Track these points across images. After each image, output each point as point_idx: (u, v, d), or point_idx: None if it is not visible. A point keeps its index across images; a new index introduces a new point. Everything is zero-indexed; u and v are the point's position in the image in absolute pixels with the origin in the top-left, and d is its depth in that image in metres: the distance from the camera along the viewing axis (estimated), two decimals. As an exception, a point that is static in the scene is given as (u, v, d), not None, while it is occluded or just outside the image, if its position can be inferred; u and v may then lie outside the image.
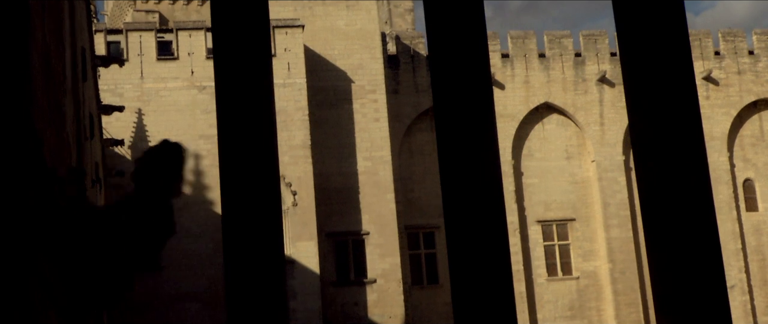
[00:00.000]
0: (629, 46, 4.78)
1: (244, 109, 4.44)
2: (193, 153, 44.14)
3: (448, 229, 4.34)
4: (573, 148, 53.41)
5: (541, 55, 53.87)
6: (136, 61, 45.19)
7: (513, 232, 50.70)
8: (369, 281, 47.05)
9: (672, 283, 4.44)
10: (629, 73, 4.64)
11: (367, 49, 49.57)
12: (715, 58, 54.70)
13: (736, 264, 52.25)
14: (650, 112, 4.56)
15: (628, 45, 4.77)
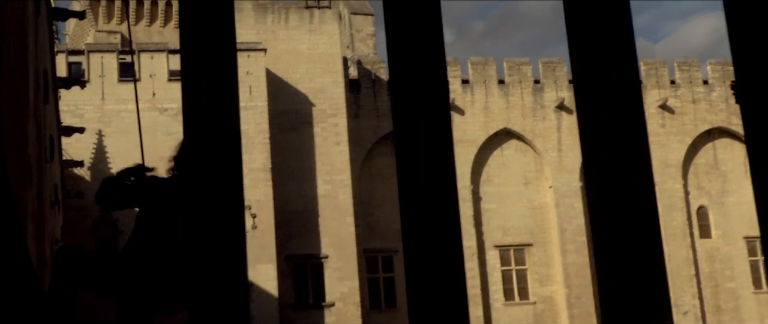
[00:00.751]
0: (582, 75, 4.94)
1: (209, 132, 4.52)
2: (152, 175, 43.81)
3: (406, 253, 4.44)
4: (531, 173, 53.82)
5: (500, 82, 54.32)
6: (97, 82, 44.98)
7: (471, 256, 50.89)
8: (327, 304, 46.98)
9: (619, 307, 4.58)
10: (581, 102, 4.80)
11: (329, 73, 49.72)
12: (670, 87, 55.50)
13: (689, 290, 52.81)
14: (601, 139, 4.71)
15: (581, 74, 4.93)
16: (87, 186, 43.85)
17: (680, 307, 52.57)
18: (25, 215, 11.26)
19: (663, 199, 53.67)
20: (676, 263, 52.85)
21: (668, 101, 54.88)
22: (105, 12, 66.58)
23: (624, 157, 4.68)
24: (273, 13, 50.16)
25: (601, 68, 4.88)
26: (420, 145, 4.59)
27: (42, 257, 15.72)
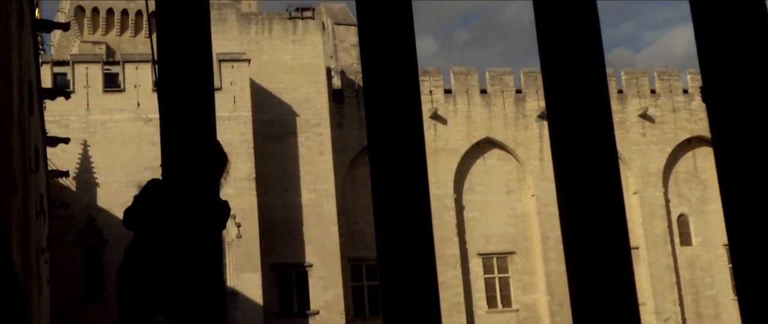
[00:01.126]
0: (554, 85, 5.04)
1: (187, 141, 4.58)
2: (138, 184, 43.80)
3: (380, 263, 4.51)
4: (513, 182, 54.00)
5: (482, 91, 54.50)
6: (82, 92, 44.91)
7: (454, 264, 51.01)
8: (312, 313, 46.99)
9: (589, 314, 4.67)
10: (553, 113, 4.89)
11: (313, 83, 49.80)
12: (651, 96, 55.81)
13: (670, 297, 53.06)
14: (572, 149, 4.80)
15: (553, 84, 5.03)
16: (72, 196, 43.78)
17: (661, 313, 52.81)
18: (10, 225, 11.28)
19: (644, 206, 53.96)
20: (657, 270, 53.10)
21: (649, 110, 55.19)
22: (90, 23, 66.55)
23: (593, 166, 4.78)
24: (257, 24, 50.23)
25: (571, 78, 4.97)
26: (394, 155, 4.67)
27: (27, 267, 15.70)
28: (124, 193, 44.19)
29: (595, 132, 4.80)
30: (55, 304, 40.32)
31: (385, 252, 4.40)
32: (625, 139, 54.93)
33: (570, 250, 4.69)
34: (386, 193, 4.53)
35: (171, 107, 4.63)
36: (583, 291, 4.79)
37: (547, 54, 5.05)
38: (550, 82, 4.94)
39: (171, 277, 5.66)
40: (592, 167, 4.77)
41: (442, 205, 51.76)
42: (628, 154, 54.65)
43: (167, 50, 4.64)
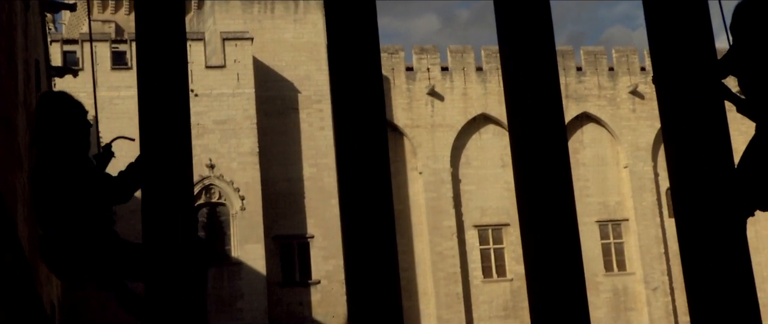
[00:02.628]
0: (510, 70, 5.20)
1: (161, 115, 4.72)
2: (145, 159, 43.99)
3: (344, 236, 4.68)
4: (508, 156, 53.97)
5: (478, 69, 54.55)
6: (90, 70, 45.01)
7: (451, 236, 51.25)
8: (313, 282, 47.29)
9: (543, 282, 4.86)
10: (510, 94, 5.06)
11: (314, 61, 49.85)
12: (641, 74, 55.82)
13: (658, 267, 53.32)
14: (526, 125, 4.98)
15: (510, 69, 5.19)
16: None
17: (650, 283, 53.08)
18: (16, 200, 11.48)
19: (634, 180, 54.12)
20: (645, 241, 53.34)
21: (638, 87, 55.22)
22: (100, 2, 66.51)
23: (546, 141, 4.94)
24: (259, 4, 50.22)
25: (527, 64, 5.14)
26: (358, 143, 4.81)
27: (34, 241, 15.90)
28: (131, 167, 44.36)
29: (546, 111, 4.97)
30: (66, 274, 40.59)
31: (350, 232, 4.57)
32: (615, 115, 55.01)
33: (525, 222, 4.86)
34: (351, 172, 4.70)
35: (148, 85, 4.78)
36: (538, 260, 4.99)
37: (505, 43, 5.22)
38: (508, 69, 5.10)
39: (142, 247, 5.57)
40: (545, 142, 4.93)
41: (439, 179, 51.94)
42: (618, 129, 54.77)
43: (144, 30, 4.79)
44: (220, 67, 45.52)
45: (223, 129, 45.12)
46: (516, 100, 5.10)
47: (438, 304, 50.41)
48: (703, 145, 5.13)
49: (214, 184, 45.24)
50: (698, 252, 5.09)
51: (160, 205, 4.51)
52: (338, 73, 4.78)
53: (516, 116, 5.07)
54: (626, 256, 54.07)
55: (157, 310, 4.45)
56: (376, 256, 4.64)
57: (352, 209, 4.67)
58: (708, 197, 5.07)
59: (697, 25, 5.20)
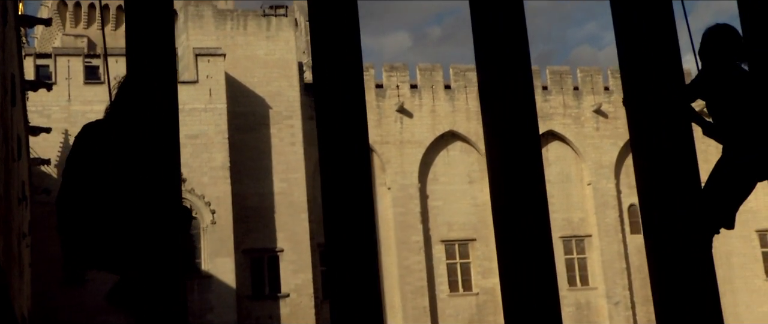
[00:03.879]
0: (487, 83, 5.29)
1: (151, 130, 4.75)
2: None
3: (328, 249, 4.73)
4: (475, 173, 54.34)
5: (446, 87, 54.82)
6: (64, 84, 44.73)
7: (418, 250, 51.33)
8: (282, 295, 47.14)
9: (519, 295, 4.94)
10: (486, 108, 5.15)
11: (285, 77, 49.86)
12: (604, 93, 56.36)
13: (620, 282, 53.73)
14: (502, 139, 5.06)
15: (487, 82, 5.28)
16: (54, 183, 43.60)
17: (612, 297, 53.46)
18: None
19: (597, 197, 54.55)
20: (608, 257, 53.75)
21: (602, 106, 55.74)
22: (72, 17, 66.19)
23: (521, 155, 5.03)
24: (232, 21, 50.20)
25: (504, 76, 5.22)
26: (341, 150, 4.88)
27: (9, 251, 15.80)
28: (103, 180, 44.07)
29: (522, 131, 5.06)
30: (36, 287, 40.24)
31: (332, 238, 4.63)
32: (580, 133, 55.46)
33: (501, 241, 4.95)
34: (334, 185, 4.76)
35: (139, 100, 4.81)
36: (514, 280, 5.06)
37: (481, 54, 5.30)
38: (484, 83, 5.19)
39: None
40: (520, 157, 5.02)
41: (408, 194, 52.06)
42: (582, 147, 55.21)
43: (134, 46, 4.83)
44: (192, 83, 45.39)
45: (194, 143, 44.95)
46: (492, 116, 5.19)
47: (405, 317, 50.43)
48: (671, 165, 5.25)
49: (185, 198, 45.02)
50: (666, 268, 5.20)
51: (149, 215, 4.54)
52: (322, 92, 4.86)
53: (492, 132, 5.16)
54: (589, 271, 54.41)
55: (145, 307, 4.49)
56: (357, 270, 4.70)
57: (335, 225, 4.73)
58: (675, 215, 5.18)
59: (665, 48, 5.32)
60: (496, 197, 5.07)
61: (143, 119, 4.76)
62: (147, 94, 4.77)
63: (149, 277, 4.59)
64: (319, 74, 4.97)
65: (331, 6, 5.14)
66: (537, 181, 4.89)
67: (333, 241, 4.82)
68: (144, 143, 4.68)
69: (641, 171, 5.35)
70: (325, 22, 5.12)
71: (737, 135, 5.92)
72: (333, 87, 4.96)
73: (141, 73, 4.81)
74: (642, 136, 5.37)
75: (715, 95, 6.02)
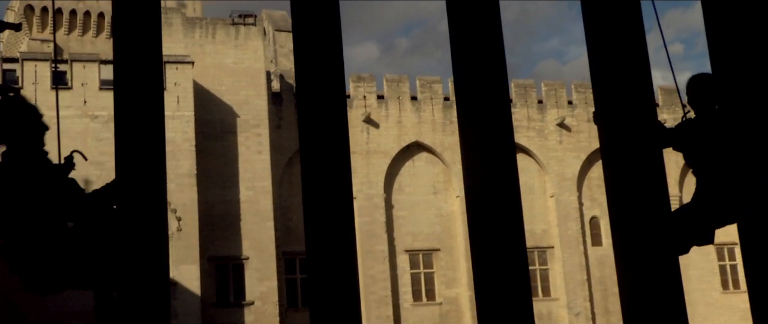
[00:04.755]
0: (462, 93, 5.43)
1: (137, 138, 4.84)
2: (83, 178, 43.46)
3: (309, 254, 4.84)
4: (440, 184, 54.55)
5: (413, 98, 55.00)
6: (30, 89, 44.31)
7: (383, 260, 51.39)
8: (247, 303, 46.99)
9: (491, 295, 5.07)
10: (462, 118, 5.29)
11: (253, 86, 49.82)
12: (568, 107, 56.85)
13: (581, 293, 54.12)
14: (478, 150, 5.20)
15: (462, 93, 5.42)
16: (18, 188, 43.16)
17: (573, 308, 53.84)
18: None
19: (559, 209, 54.95)
20: (570, 268, 54.13)
21: (565, 120, 56.21)
22: (39, 21, 65.58)
23: (497, 166, 5.17)
24: (201, 29, 50.09)
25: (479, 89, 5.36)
26: (322, 157, 4.99)
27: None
28: (69, 186, 43.70)
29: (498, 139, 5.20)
30: (1, 293, 39.77)
31: (313, 243, 4.72)
32: (543, 146, 55.87)
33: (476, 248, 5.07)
34: (315, 190, 4.87)
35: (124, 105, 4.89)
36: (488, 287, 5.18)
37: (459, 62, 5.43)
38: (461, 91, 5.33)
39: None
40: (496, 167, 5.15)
41: (373, 204, 52.11)
42: (546, 160, 55.62)
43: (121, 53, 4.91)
44: (160, 90, 45.15)
45: (161, 150, 44.67)
46: (468, 125, 5.32)
47: (369, 327, 50.47)
48: (640, 180, 5.41)
49: (152, 205, 44.77)
50: (635, 280, 5.34)
51: (134, 220, 4.61)
52: (304, 101, 4.96)
53: (468, 141, 5.30)
54: (551, 282, 54.75)
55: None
56: (337, 276, 4.80)
57: (316, 233, 4.83)
58: (646, 233, 5.32)
59: (636, 65, 5.49)
60: (471, 207, 5.20)
61: (130, 125, 4.84)
62: (134, 100, 4.85)
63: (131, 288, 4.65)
64: (302, 85, 5.09)
65: (314, 19, 5.26)
66: (512, 192, 5.03)
67: (314, 247, 4.92)
68: (131, 149, 4.75)
69: (611, 185, 5.51)
70: (308, 33, 5.23)
71: (713, 167, 6.11)
72: (315, 97, 5.07)
73: (128, 81, 4.89)
74: (613, 152, 5.53)
75: (694, 142, 6.23)
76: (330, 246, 4.79)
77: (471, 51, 5.44)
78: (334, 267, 4.72)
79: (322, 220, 4.81)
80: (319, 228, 4.82)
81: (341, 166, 4.87)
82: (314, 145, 4.91)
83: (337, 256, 4.79)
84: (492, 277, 5.11)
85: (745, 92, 6.05)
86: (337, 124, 4.95)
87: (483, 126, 5.15)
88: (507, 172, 5.03)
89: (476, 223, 5.01)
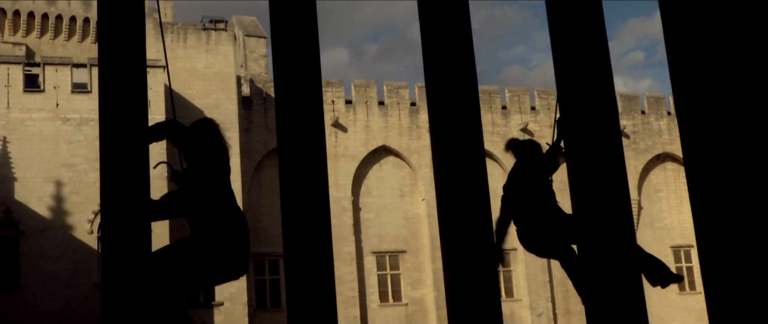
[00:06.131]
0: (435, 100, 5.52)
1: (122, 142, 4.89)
2: (55, 180, 43.12)
3: (286, 258, 4.90)
4: (406, 187, 54.73)
5: (380, 103, 55.14)
6: (3, 92, 43.95)
7: (350, 261, 51.43)
8: (217, 304, 46.82)
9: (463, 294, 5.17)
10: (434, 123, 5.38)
11: (224, 90, 49.70)
12: (531, 112, 57.26)
13: (543, 294, 54.50)
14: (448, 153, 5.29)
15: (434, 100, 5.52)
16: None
17: (535, 309, 54.19)
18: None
19: (522, 212, 55.27)
20: (532, 270, 54.48)
21: (529, 125, 56.59)
22: (11, 24, 64.93)
23: (466, 168, 5.26)
24: (172, 34, 49.90)
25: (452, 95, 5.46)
26: (299, 159, 5.06)
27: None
28: (40, 187, 43.36)
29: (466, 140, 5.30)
30: (-29, 292, 39.40)
31: (290, 243, 4.79)
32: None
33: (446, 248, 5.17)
34: (292, 191, 4.94)
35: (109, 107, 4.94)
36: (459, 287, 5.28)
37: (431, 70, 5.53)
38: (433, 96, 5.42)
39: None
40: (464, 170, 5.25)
41: (341, 207, 52.14)
42: (509, 164, 55.86)
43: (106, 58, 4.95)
44: (131, 93, 44.91)
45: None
46: (439, 130, 5.41)
47: (336, 327, 50.45)
48: (603, 183, 5.53)
49: (123, 207, 44.50)
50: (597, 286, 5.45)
51: (118, 226, 4.66)
52: (282, 108, 5.03)
53: (439, 146, 5.39)
54: (514, 284, 55.07)
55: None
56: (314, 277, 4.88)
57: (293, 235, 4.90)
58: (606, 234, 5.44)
59: (600, 73, 5.61)
60: (442, 209, 5.29)
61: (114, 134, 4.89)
62: (118, 107, 4.90)
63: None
64: (280, 90, 5.16)
65: (292, 24, 5.33)
66: (481, 193, 5.13)
67: (291, 251, 4.99)
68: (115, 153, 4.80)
69: (575, 189, 5.62)
70: (286, 39, 5.30)
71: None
72: (293, 101, 5.14)
73: (112, 86, 4.93)
74: (577, 155, 5.65)
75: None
76: (307, 247, 4.87)
77: (442, 55, 5.54)
78: (310, 268, 4.79)
79: (299, 222, 4.89)
80: (297, 230, 4.89)
81: (318, 168, 4.95)
82: (292, 149, 4.99)
83: (314, 257, 4.86)
84: (463, 280, 5.21)
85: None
86: (314, 127, 5.03)
87: (454, 128, 5.25)
88: (477, 175, 5.14)
89: (447, 226, 5.11)
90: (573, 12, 5.73)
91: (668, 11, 5.70)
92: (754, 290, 4.94)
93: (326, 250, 4.85)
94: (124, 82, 4.79)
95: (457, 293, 5.28)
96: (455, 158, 5.28)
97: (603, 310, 5.36)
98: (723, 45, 5.58)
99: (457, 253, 5.27)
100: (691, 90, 5.55)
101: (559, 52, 5.84)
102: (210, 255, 5.90)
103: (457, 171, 5.23)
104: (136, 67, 4.83)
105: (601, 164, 5.57)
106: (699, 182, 5.39)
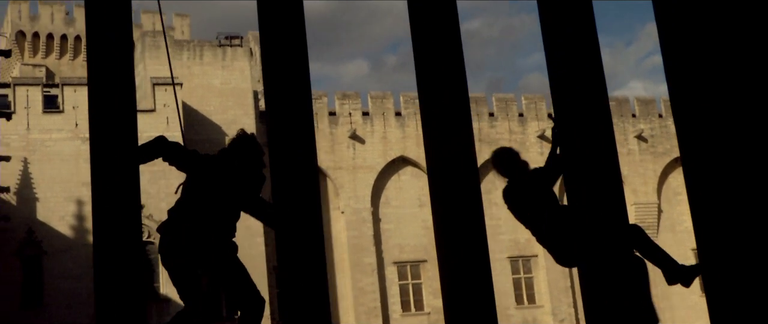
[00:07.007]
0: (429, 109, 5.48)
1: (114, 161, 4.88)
2: (76, 199, 43.36)
3: (280, 271, 4.87)
4: (425, 196, 54.62)
5: (397, 114, 55.17)
6: (22, 113, 44.31)
7: (371, 272, 51.41)
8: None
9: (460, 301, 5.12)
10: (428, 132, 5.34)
11: (240, 105, 49.87)
12: (548, 120, 57.03)
13: (565, 300, 54.22)
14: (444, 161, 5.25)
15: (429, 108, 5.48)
16: (13, 210, 43.07)
17: (557, 315, 53.92)
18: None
19: (542, 218, 55.07)
20: (553, 276, 54.22)
21: (546, 132, 56.40)
22: (30, 47, 65.53)
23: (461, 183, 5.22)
24: (188, 51, 50.16)
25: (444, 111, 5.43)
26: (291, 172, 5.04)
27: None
28: (62, 207, 43.65)
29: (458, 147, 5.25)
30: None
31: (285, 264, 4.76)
32: (525, 157, 55.81)
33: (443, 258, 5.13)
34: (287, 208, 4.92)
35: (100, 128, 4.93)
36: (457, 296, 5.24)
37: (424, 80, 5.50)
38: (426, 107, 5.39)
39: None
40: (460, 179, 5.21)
41: (360, 218, 52.15)
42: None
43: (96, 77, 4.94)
44: (150, 111, 45.20)
45: (152, 170, 44.59)
46: (434, 144, 5.38)
47: (359, 338, 50.42)
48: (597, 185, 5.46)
49: (145, 224, 44.69)
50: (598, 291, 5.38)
51: (111, 243, 4.65)
52: (274, 121, 5.01)
53: (434, 159, 5.35)
54: (535, 290, 54.85)
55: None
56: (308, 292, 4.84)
57: (287, 248, 4.88)
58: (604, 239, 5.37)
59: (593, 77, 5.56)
60: (438, 222, 5.25)
61: (104, 148, 4.88)
62: (109, 123, 4.89)
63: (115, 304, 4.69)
64: (271, 103, 5.14)
65: (282, 38, 5.31)
66: (476, 205, 5.09)
67: (285, 264, 4.96)
68: (107, 171, 4.79)
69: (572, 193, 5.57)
70: (276, 53, 5.28)
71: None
72: (283, 114, 5.12)
73: (102, 103, 4.93)
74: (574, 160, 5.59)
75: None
76: (300, 260, 4.83)
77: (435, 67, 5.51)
78: (304, 281, 4.75)
79: (292, 234, 4.86)
80: (291, 242, 4.85)
81: (309, 179, 4.92)
82: (283, 161, 4.96)
83: (307, 269, 4.82)
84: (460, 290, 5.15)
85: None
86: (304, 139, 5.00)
87: (445, 136, 5.21)
88: (470, 180, 5.09)
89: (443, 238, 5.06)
90: (565, 17, 5.68)
91: (663, 10, 5.64)
92: (754, 290, 4.86)
93: (319, 261, 4.82)
94: (112, 103, 4.79)
95: (453, 298, 5.22)
96: (448, 165, 5.24)
97: (604, 310, 5.28)
98: (722, 45, 5.51)
99: (454, 258, 5.22)
100: (688, 89, 5.48)
101: (552, 59, 5.80)
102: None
103: (451, 178, 5.19)
104: (124, 87, 4.82)
105: (596, 168, 5.51)
106: (699, 182, 5.32)
